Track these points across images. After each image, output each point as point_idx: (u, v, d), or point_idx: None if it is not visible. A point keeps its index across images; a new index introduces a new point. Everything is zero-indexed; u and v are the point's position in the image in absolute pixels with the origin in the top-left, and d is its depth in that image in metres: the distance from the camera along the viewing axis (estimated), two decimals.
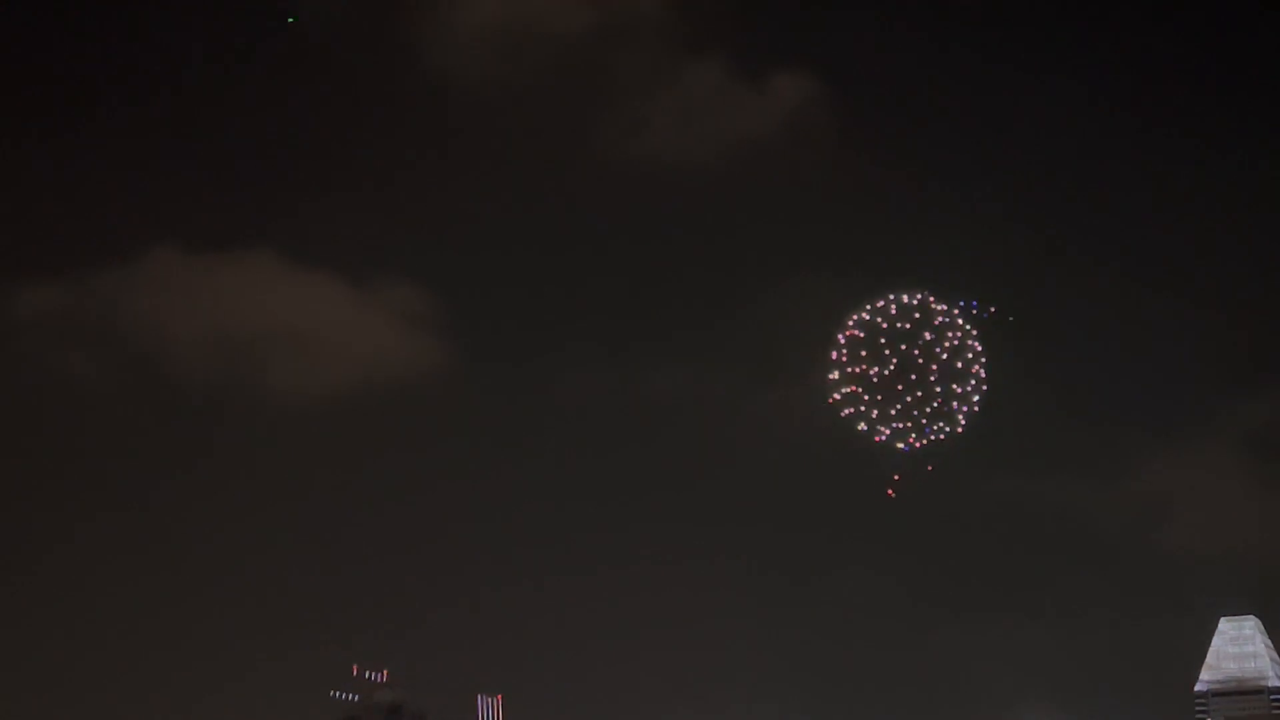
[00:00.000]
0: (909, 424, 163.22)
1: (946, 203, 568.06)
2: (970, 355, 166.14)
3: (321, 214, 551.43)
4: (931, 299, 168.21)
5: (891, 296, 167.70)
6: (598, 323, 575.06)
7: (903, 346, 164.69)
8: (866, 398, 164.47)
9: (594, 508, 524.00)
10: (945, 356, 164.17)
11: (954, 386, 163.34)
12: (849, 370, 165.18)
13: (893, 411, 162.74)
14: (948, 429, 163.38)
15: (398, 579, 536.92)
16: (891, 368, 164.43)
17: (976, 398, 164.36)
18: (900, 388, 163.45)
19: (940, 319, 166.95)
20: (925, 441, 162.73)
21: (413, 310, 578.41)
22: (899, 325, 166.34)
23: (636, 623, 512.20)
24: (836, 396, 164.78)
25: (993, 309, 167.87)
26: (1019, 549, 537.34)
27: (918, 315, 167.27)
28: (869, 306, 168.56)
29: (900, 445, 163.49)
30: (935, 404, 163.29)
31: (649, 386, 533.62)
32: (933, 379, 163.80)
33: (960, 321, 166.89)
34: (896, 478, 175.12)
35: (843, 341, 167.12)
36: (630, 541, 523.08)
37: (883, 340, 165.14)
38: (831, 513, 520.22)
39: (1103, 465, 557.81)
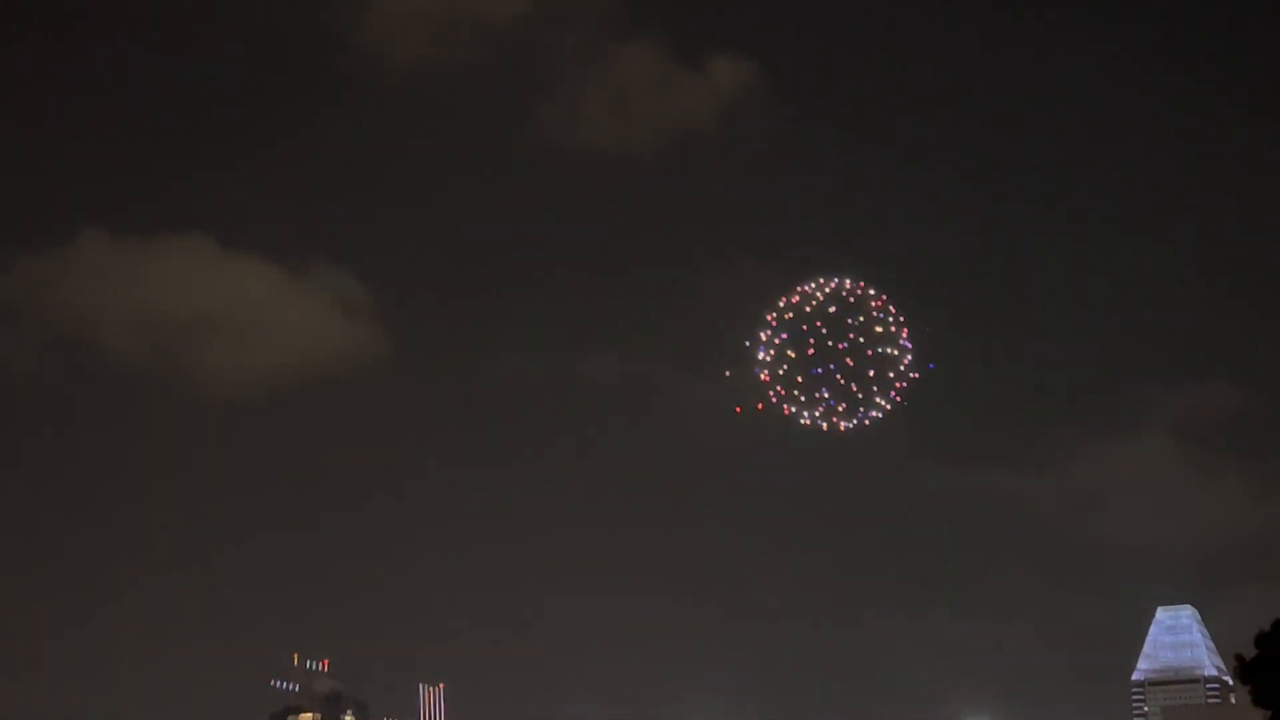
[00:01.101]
0: (834, 408, 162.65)
1: (882, 190, 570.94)
2: (897, 342, 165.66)
3: (254, 199, 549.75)
4: (861, 284, 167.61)
5: (821, 280, 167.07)
6: (533, 309, 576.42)
7: (824, 330, 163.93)
8: (798, 380, 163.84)
9: (533, 496, 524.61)
10: (870, 342, 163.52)
11: (879, 373, 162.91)
12: (775, 354, 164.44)
13: (817, 395, 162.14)
14: (873, 414, 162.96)
15: (338, 568, 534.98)
16: (817, 352, 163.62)
17: (903, 384, 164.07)
18: (820, 371, 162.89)
19: (871, 305, 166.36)
20: (849, 426, 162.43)
21: (348, 297, 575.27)
22: (827, 310, 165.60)
23: (577, 614, 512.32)
24: (765, 377, 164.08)
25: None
26: (952, 539, 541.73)
27: (851, 300, 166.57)
28: (800, 289, 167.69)
29: (824, 427, 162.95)
30: (859, 390, 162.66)
31: (585, 373, 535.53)
32: (852, 363, 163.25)
33: (891, 309, 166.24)
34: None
35: (772, 321, 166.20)
36: (569, 531, 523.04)
37: (808, 325, 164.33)
38: (764, 500, 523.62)
39: (1036, 456, 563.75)
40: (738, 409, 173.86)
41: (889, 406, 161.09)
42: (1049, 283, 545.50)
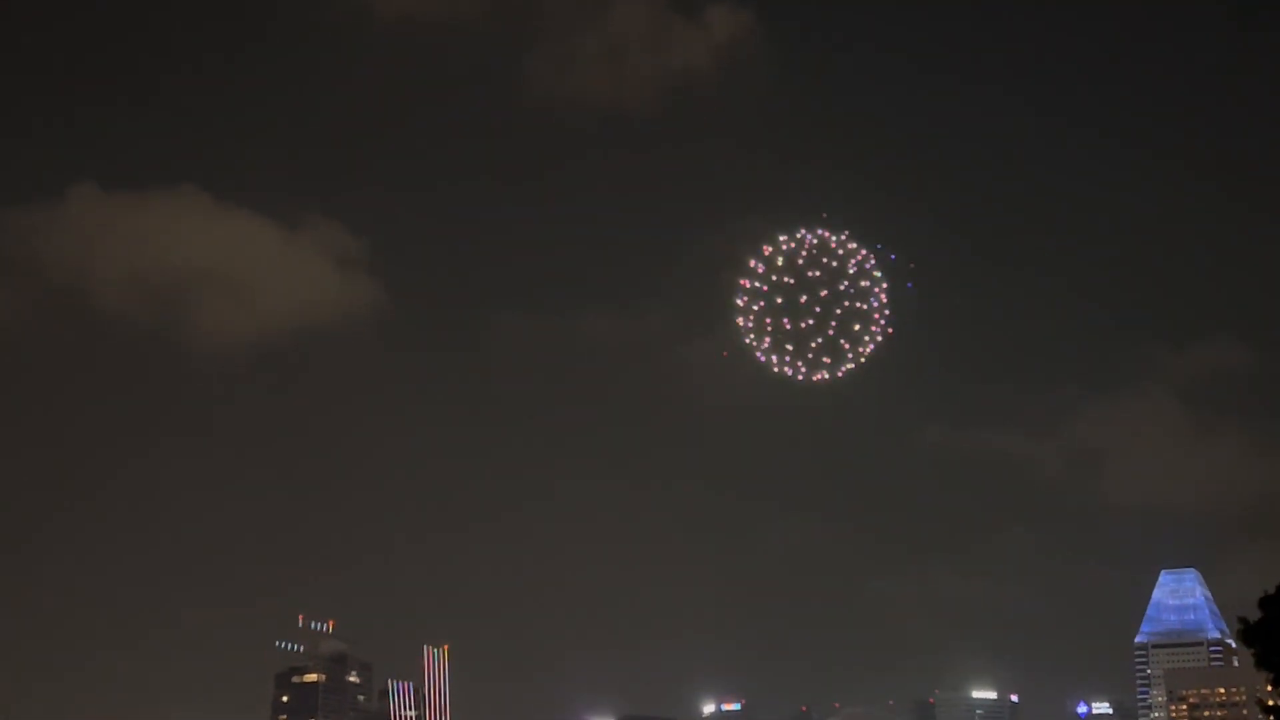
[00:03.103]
0: (808, 357, 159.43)
1: (879, 142, 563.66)
2: (876, 294, 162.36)
3: (247, 152, 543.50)
4: (844, 236, 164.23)
5: (803, 232, 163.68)
6: (529, 265, 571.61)
7: (798, 283, 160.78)
8: (768, 329, 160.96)
9: (532, 454, 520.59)
10: (848, 296, 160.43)
11: (853, 327, 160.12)
12: (750, 301, 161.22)
13: (790, 346, 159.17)
14: (847, 367, 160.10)
15: (342, 529, 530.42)
16: (793, 303, 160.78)
17: (880, 338, 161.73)
18: (787, 322, 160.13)
19: (854, 260, 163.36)
20: (823, 376, 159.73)
21: (343, 251, 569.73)
22: (810, 262, 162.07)
23: (578, 574, 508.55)
24: (743, 322, 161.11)
25: (893, 256, 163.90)
26: (953, 500, 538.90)
27: (841, 252, 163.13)
28: (785, 238, 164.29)
29: (798, 378, 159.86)
30: (832, 342, 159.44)
31: (582, 329, 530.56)
32: (826, 315, 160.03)
33: (869, 265, 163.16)
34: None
35: (759, 269, 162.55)
36: (572, 490, 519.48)
37: (785, 278, 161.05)
38: (765, 459, 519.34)
39: (1038, 416, 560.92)
40: (724, 353, 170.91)
41: (864, 360, 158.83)
42: (1050, 239, 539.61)
